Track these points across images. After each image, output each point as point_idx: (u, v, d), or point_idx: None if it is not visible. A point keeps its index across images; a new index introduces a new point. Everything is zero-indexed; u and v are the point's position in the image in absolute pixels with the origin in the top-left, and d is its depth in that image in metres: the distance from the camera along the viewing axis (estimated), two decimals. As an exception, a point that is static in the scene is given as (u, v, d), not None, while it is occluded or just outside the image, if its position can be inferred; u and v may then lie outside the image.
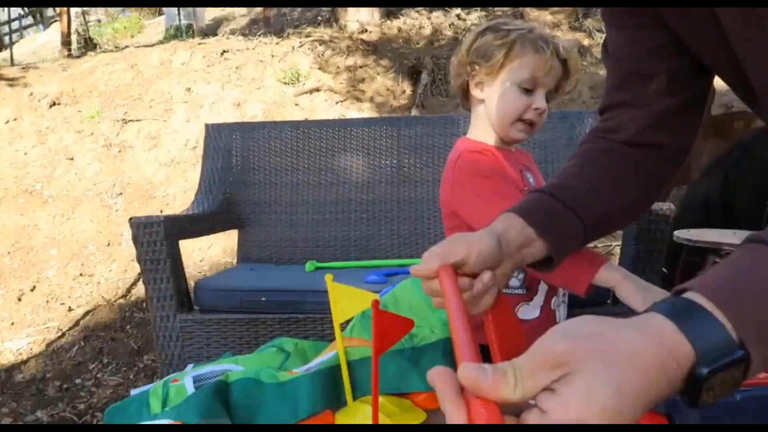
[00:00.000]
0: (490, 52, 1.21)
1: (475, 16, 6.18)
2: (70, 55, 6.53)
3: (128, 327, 3.19)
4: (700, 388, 0.43)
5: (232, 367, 0.87)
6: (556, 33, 5.83)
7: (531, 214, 0.78)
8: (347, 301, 0.77)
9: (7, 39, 9.75)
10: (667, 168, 0.85)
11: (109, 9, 9.70)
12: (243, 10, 8.46)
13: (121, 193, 4.36)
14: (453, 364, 0.85)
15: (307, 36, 5.77)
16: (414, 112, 4.76)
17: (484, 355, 0.51)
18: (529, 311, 1.22)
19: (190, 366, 0.96)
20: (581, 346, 0.42)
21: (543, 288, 1.24)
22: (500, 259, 0.74)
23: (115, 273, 3.72)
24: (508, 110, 1.22)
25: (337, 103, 4.95)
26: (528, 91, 1.21)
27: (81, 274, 3.70)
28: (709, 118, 2.86)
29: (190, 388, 0.82)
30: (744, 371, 0.43)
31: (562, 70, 1.23)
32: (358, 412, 0.78)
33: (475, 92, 1.27)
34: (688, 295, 0.46)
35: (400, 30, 6.01)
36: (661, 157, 0.83)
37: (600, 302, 1.85)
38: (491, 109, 1.25)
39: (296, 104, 4.93)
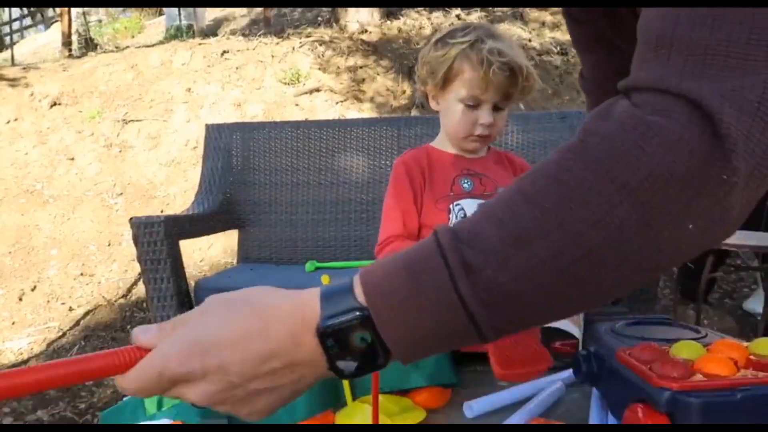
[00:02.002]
0: (434, 69, 1.22)
1: (475, 17, 6.18)
2: (70, 56, 6.54)
3: (129, 327, 3.19)
4: (325, 344, 0.46)
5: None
6: (556, 33, 5.82)
7: None
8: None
9: (7, 39, 9.76)
10: None
11: (109, 9, 9.72)
12: (243, 11, 8.47)
13: (121, 193, 4.36)
14: (448, 357, 0.86)
15: (307, 36, 5.76)
16: (414, 112, 4.76)
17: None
18: None
19: None
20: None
21: None
22: None
23: (115, 273, 3.73)
24: (456, 127, 1.24)
25: (337, 103, 4.95)
26: (473, 107, 1.21)
27: (81, 274, 3.71)
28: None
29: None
30: (373, 332, 0.45)
31: (510, 81, 1.20)
32: (358, 412, 0.78)
33: (432, 103, 1.30)
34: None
35: (400, 30, 6.01)
36: None
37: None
38: (445, 121, 1.28)
39: (296, 104, 4.93)
